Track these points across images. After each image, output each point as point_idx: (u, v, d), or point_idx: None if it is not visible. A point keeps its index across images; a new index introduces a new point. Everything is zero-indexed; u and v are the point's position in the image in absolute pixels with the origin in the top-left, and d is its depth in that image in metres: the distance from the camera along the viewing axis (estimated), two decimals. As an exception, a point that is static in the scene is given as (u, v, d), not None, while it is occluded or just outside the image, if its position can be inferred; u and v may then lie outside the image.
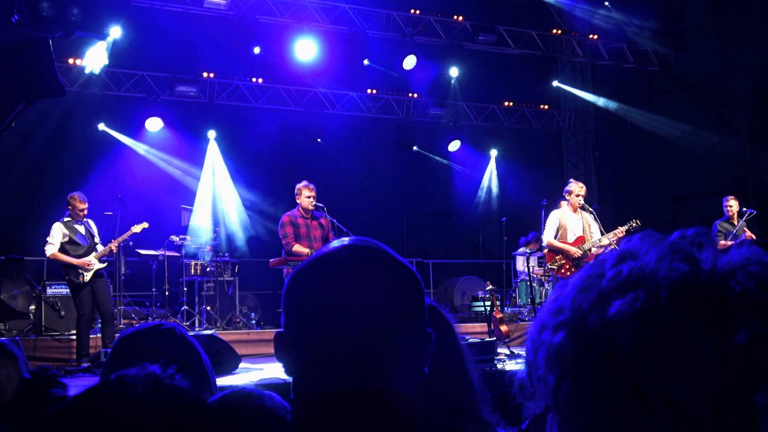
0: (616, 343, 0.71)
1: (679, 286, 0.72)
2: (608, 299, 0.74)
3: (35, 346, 10.00)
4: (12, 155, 13.24)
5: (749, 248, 0.76)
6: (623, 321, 0.72)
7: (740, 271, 0.72)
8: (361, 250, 1.20)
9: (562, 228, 9.79)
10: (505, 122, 16.81)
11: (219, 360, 8.09)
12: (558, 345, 0.76)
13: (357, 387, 1.13)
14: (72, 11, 7.95)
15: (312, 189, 9.38)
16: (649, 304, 0.71)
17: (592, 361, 0.72)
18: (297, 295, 1.19)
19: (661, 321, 0.70)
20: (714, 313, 0.70)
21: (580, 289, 0.77)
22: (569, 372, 0.74)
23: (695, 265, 0.74)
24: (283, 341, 1.19)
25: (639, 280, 0.74)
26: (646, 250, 0.77)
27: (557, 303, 0.79)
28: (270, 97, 14.73)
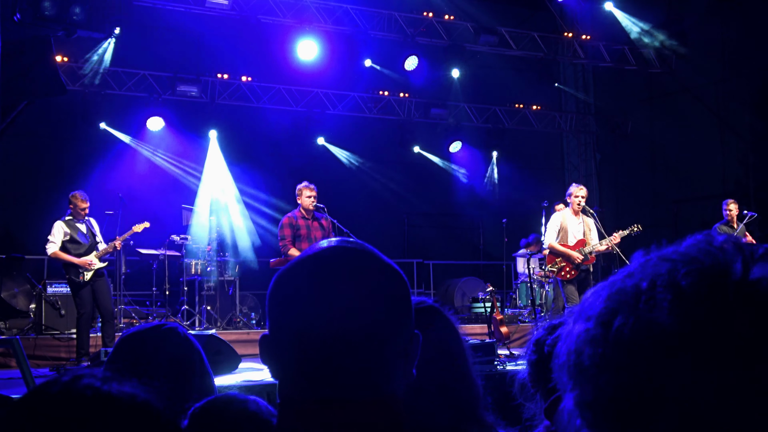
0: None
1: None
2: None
3: (35, 344, 10.00)
4: (13, 154, 13.24)
5: None
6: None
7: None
8: (348, 251, 1.17)
9: (563, 231, 9.80)
10: (506, 123, 16.81)
11: (219, 360, 8.09)
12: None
13: (344, 392, 1.11)
14: (74, 10, 7.96)
15: (313, 189, 9.38)
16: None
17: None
18: (282, 297, 1.16)
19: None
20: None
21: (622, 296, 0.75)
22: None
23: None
24: (268, 344, 1.17)
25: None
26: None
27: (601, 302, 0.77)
28: (271, 97, 14.73)
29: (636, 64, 15.68)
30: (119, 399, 0.98)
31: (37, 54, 6.69)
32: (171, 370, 1.85)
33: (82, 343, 9.33)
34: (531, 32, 15.09)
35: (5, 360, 9.23)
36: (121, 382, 1.00)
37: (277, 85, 14.70)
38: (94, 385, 0.98)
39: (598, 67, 16.98)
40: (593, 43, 15.58)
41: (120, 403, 0.97)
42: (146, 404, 0.99)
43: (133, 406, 0.98)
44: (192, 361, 1.91)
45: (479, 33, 14.28)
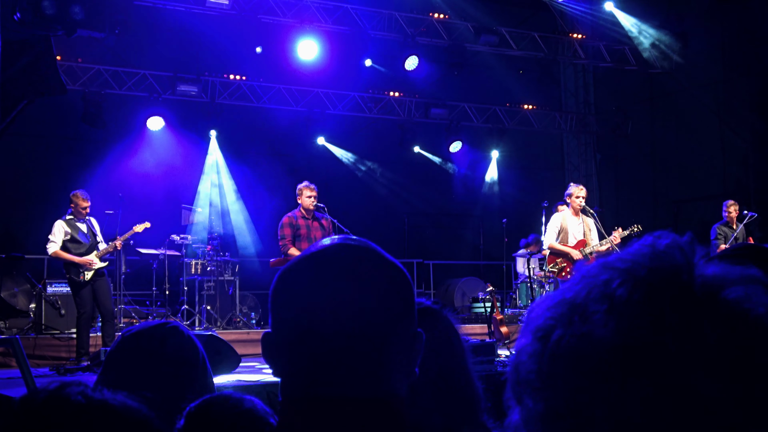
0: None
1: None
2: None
3: (35, 344, 10.00)
4: (13, 153, 13.24)
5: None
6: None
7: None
8: (350, 248, 1.17)
9: (563, 231, 9.79)
10: (507, 123, 16.80)
11: (219, 359, 8.08)
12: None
13: (347, 390, 1.10)
14: (74, 10, 7.96)
15: (313, 189, 9.37)
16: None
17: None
18: (284, 294, 1.16)
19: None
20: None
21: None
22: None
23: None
24: (271, 343, 1.17)
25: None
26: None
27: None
28: (271, 96, 14.72)
29: (636, 65, 15.67)
30: (109, 407, 0.97)
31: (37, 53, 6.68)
32: (173, 369, 1.85)
33: (82, 342, 9.33)
34: (531, 32, 15.09)
35: (5, 359, 9.22)
36: (111, 391, 0.99)
37: (277, 85, 14.69)
38: (84, 392, 0.97)
39: (599, 68, 16.98)
40: (593, 43, 15.57)
41: (109, 411, 0.96)
42: (136, 412, 0.98)
43: (123, 414, 0.97)
44: (194, 360, 1.91)
45: (479, 33, 14.27)
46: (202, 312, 11.98)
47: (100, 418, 0.95)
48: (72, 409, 0.94)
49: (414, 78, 14.86)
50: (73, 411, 0.94)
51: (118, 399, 0.98)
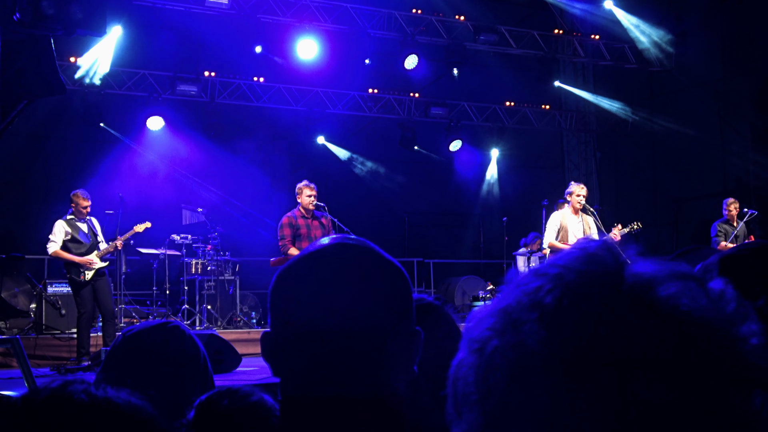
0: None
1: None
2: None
3: (36, 344, 10.00)
4: (13, 153, 13.24)
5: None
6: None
7: None
8: (349, 248, 1.17)
9: (563, 230, 9.79)
10: (507, 122, 16.80)
11: (220, 359, 8.09)
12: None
13: (346, 389, 1.10)
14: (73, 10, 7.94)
15: (313, 188, 9.35)
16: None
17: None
18: (283, 294, 1.16)
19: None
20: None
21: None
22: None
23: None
24: (270, 342, 1.17)
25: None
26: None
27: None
28: (271, 96, 14.72)
29: (636, 63, 15.67)
30: (113, 405, 0.95)
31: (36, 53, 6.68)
32: (174, 369, 1.85)
33: (82, 342, 9.33)
34: (531, 31, 15.08)
35: (6, 360, 9.23)
36: (115, 389, 0.98)
37: (276, 84, 14.69)
38: (87, 390, 0.95)
39: (598, 66, 16.98)
40: (593, 41, 15.57)
41: (113, 410, 0.95)
42: (140, 411, 0.97)
43: (127, 412, 0.96)
44: (195, 360, 1.91)
45: (479, 32, 14.27)
46: (203, 311, 11.98)
47: (103, 416, 0.94)
48: (74, 407, 0.94)
49: (414, 77, 14.86)
50: (76, 409, 0.93)
51: (121, 397, 0.97)
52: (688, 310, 0.65)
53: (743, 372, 0.64)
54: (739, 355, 0.64)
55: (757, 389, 0.64)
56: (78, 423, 0.93)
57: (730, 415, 0.63)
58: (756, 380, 0.64)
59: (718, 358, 0.63)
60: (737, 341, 0.65)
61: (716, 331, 0.65)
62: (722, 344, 0.64)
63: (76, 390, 0.95)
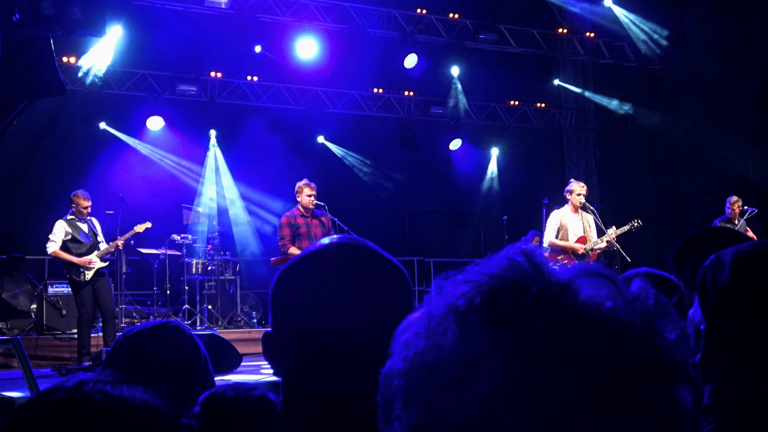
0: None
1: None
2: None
3: (36, 345, 10.01)
4: (13, 154, 13.24)
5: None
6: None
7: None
8: (349, 247, 1.18)
9: (562, 228, 9.78)
10: (507, 121, 16.80)
11: (220, 359, 8.10)
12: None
13: (347, 389, 1.10)
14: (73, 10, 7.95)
15: (313, 188, 9.35)
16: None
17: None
18: (284, 294, 1.16)
19: None
20: None
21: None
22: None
23: None
24: (271, 342, 1.17)
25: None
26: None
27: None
28: (271, 95, 14.73)
29: (636, 61, 15.66)
30: (129, 404, 0.95)
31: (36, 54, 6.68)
32: (175, 369, 1.85)
33: (83, 342, 9.34)
34: (530, 29, 15.08)
35: (7, 360, 9.24)
36: (130, 387, 0.97)
37: (276, 84, 14.70)
38: (103, 389, 0.95)
39: (598, 64, 16.97)
40: (593, 39, 15.56)
41: (130, 408, 0.94)
42: (157, 409, 0.97)
43: (143, 411, 0.95)
44: (196, 360, 1.91)
45: (478, 30, 14.26)
46: (203, 311, 11.99)
47: (119, 415, 0.93)
48: (90, 406, 0.93)
49: (413, 76, 14.86)
50: (92, 409, 0.93)
51: (137, 396, 0.96)
52: (595, 308, 0.68)
53: (660, 366, 0.66)
54: (655, 350, 0.67)
55: (680, 383, 0.67)
56: (94, 422, 0.92)
57: (650, 408, 0.65)
58: (675, 374, 0.67)
59: (630, 352, 0.66)
60: (653, 336, 0.67)
61: (626, 327, 0.67)
62: (634, 340, 0.66)
63: (92, 389, 0.94)
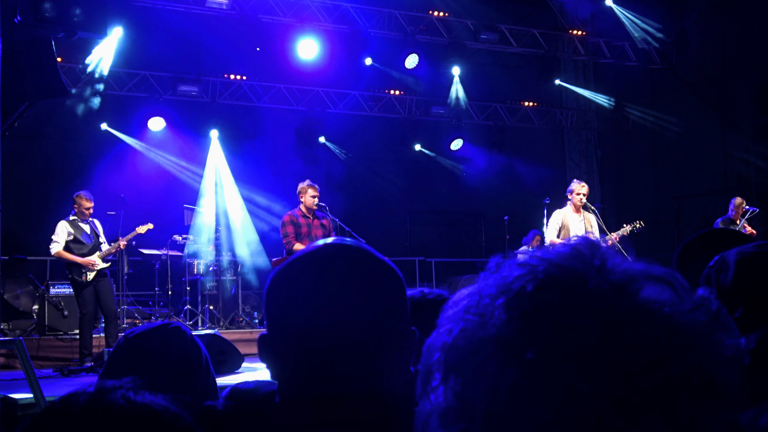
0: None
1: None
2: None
3: (38, 345, 10.02)
4: (15, 155, 13.24)
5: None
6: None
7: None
8: (343, 248, 1.18)
9: (564, 228, 9.78)
10: (507, 121, 16.80)
11: (222, 359, 8.10)
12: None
13: (343, 389, 1.11)
14: (74, 12, 7.95)
15: (316, 189, 9.37)
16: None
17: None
18: (279, 295, 1.16)
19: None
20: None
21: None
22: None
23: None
24: (267, 344, 1.17)
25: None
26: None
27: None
28: (272, 96, 14.73)
29: (636, 60, 15.66)
30: (152, 411, 0.95)
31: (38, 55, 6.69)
32: (176, 371, 1.85)
33: (85, 343, 9.35)
34: (531, 29, 15.08)
35: (9, 361, 9.24)
36: (152, 394, 0.97)
37: (277, 85, 14.70)
38: (126, 395, 0.95)
39: (599, 64, 16.97)
40: (593, 39, 15.56)
41: (153, 415, 0.94)
42: (179, 418, 0.97)
43: (166, 419, 0.95)
44: (197, 362, 1.92)
45: (479, 30, 14.27)
46: (205, 312, 11.99)
47: (142, 422, 0.93)
48: (114, 412, 0.93)
49: (414, 76, 14.86)
50: (115, 415, 0.93)
51: (160, 403, 0.96)
52: (651, 313, 0.65)
53: (710, 386, 0.64)
54: (707, 367, 0.64)
55: (726, 407, 0.64)
56: (117, 429, 0.93)
57: (688, 429, 0.62)
58: (724, 396, 0.64)
59: (679, 366, 0.63)
60: (708, 352, 0.65)
61: (681, 338, 0.64)
62: (687, 353, 0.64)
63: (115, 395, 0.95)
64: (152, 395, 0.97)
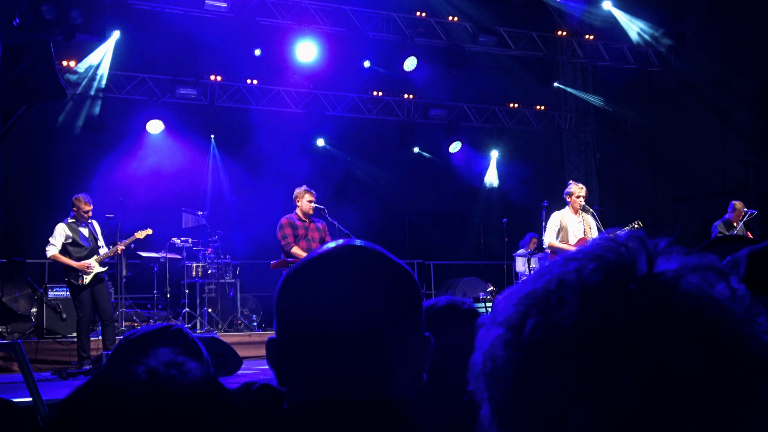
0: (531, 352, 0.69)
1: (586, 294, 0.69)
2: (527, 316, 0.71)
3: (37, 348, 10.00)
4: (14, 158, 13.23)
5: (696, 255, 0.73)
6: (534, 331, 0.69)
7: (675, 279, 0.69)
8: (356, 250, 1.15)
9: (563, 230, 9.78)
10: (506, 123, 16.81)
11: (221, 362, 8.09)
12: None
13: (354, 396, 1.08)
14: (73, 14, 7.96)
15: (312, 194, 9.38)
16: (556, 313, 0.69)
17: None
18: (290, 298, 1.13)
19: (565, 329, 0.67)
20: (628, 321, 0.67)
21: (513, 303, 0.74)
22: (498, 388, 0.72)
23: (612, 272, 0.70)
24: (276, 348, 1.14)
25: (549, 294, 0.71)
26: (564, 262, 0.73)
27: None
28: (271, 99, 14.73)
29: (635, 63, 15.68)
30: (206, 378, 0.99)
31: (36, 58, 6.69)
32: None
33: (83, 346, 9.34)
34: (530, 32, 15.10)
35: (7, 364, 9.23)
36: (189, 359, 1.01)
37: (276, 87, 14.70)
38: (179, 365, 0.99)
39: (598, 66, 16.98)
40: (592, 42, 15.58)
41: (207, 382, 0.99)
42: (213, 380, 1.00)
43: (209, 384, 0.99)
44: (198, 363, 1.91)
45: (478, 33, 14.28)
46: (204, 315, 11.98)
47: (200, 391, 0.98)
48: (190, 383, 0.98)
49: (413, 79, 14.87)
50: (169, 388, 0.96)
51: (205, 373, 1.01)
52: (714, 299, 0.68)
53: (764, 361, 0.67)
54: (761, 345, 0.67)
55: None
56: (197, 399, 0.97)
57: (749, 402, 0.65)
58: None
59: (741, 346, 0.66)
60: (758, 333, 0.68)
61: (739, 323, 0.67)
62: (745, 334, 0.67)
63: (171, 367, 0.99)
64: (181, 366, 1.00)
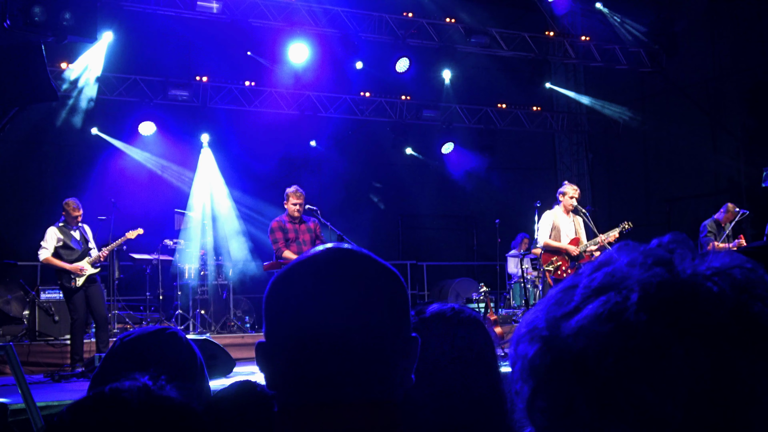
0: (585, 349, 0.69)
1: (650, 288, 0.70)
2: (580, 306, 0.72)
3: (29, 351, 9.97)
4: (4, 160, 13.20)
5: (729, 254, 0.74)
6: (591, 326, 0.70)
7: (718, 275, 0.70)
8: (344, 253, 1.16)
9: (555, 229, 9.80)
10: (498, 124, 16.83)
11: (214, 364, 8.08)
12: (532, 357, 0.74)
13: (344, 397, 1.09)
14: (64, 16, 7.93)
15: (299, 196, 9.25)
16: (617, 306, 0.69)
17: (563, 371, 0.70)
18: (278, 301, 1.14)
19: (629, 323, 0.68)
20: (686, 314, 0.68)
21: (555, 301, 0.75)
22: (542, 384, 0.72)
23: (669, 268, 0.72)
24: (266, 351, 1.14)
25: (610, 286, 0.71)
26: (619, 257, 0.75)
27: (534, 315, 0.77)
28: (263, 100, 14.72)
29: (627, 64, 15.72)
30: (169, 403, 0.99)
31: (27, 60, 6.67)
32: (172, 375, 1.85)
33: (76, 348, 9.32)
34: (521, 33, 15.11)
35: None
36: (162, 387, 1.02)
37: (268, 89, 14.68)
38: (145, 389, 1.00)
39: (589, 67, 17.02)
40: (584, 43, 15.61)
41: (169, 408, 0.99)
42: (189, 409, 1.00)
43: (183, 410, 1.00)
44: (193, 367, 1.91)
45: (470, 34, 14.30)
46: (196, 316, 11.96)
47: (159, 414, 0.99)
48: (165, 407, 0.99)
49: (405, 80, 14.88)
50: (134, 408, 0.97)
51: (172, 396, 1.02)
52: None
53: None
54: None
55: None
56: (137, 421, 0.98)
57: None
58: None
59: None
60: None
61: None
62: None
63: (132, 390, 1.01)
64: (163, 389, 1.02)
